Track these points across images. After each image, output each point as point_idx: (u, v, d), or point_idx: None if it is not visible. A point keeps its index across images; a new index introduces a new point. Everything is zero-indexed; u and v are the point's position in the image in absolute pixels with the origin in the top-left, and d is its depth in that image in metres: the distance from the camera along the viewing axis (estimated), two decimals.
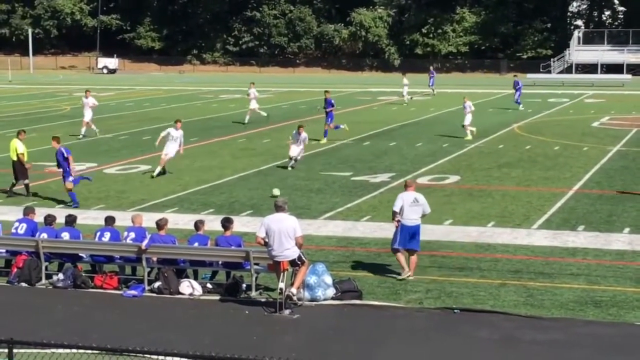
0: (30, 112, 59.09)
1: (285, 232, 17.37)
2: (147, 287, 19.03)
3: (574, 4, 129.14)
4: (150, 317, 17.46)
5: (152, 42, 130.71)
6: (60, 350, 13.82)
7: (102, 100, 62.40)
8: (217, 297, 18.56)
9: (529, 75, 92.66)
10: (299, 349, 15.41)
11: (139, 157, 38.60)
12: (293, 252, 17.46)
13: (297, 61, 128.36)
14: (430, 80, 75.29)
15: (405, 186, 20.73)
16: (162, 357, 12.98)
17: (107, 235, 20.13)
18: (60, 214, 23.07)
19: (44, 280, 19.67)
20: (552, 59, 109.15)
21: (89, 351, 13.30)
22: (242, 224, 24.21)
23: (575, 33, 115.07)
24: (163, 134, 34.44)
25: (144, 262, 19.23)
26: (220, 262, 19.51)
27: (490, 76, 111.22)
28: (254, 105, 52.87)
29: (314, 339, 16.11)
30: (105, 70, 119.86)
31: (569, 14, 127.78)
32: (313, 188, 30.93)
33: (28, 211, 21.42)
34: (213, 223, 23.52)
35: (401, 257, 20.01)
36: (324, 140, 42.72)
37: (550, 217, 26.01)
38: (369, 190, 29.68)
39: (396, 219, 20.10)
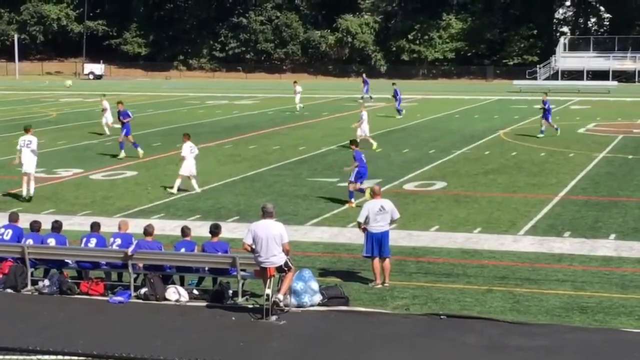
0: (16, 118, 58.91)
1: (272, 238, 17.35)
2: (133, 294, 18.98)
3: (560, 10, 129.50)
4: (137, 324, 17.41)
5: (138, 47, 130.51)
6: (46, 357, 13.76)
7: (88, 105, 62.36)
8: (204, 304, 18.54)
9: (515, 82, 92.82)
10: (286, 355, 15.40)
11: (125, 163, 38.52)
12: (280, 259, 17.45)
13: (284, 67, 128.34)
14: (365, 87, 74.73)
15: (373, 194, 20.68)
16: None
17: (93, 241, 20.08)
18: (46, 220, 23.01)
19: (29, 287, 19.61)
20: (538, 66, 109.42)
21: (75, 357, 13.24)
22: (229, 230, 24.17)
23: (561, 40, 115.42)
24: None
25: (130, 268, 19.19)
26: (206, 268, 19.49)
27: (477, 82, 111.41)
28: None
29: (301, 345, 16.09)
30: (91, 76, 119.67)
31: (554, 20, 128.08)
32: (300, 194, 30.93)
33: (14, 217, 21.35)
34: (200, 229, 23.51)
35: (376, 265, 20.02)
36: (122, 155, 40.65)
37: (536, 224, 26.07)
38: (356, 196, 29.66)
39: (362, 227, 20.16)
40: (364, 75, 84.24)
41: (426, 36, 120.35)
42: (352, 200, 28.93)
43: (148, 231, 19.93)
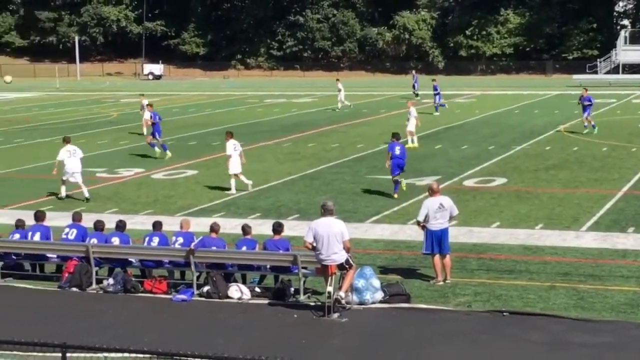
0: (78, 119, 59.60)
1: (333, 236, 17.38)
2: (196, 292, 19.13)
3: (620, 3, 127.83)
4: (200, 321, 17.55)
5: (196, 47, 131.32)
6: (112, 355, 13.96)
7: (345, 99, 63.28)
8: (266, 301, 18.63)
9: (575, 76, 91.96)
10: (348, 352, 15.43)
11: (185, 162, 38.79)
12: (341, 256, 17.48)
13: (341, 65, 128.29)
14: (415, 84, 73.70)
15: (431, 191, 20.58)
16: None
17: (156, 240, 20.29)
18: (109, 219, 23.29)
19: (94, 285, 19.86)
20: (598, 60, 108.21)
21: (140, 355, 13.39)
22: (289, 227, 24.21)
23: (622, 33, 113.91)
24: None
25: (192, 267, 19.35)
26: (268, 266, 19.60)
27: (536, 77, 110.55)
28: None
29: (363, 342, 16.10)
30: (150, 77, 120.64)
31: (614, 14, 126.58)
32: (359, 192, 30.94)
33: (77, 217, 21.64)
34: (260, 227, 23.64)
35: (437, 262, 19.95)
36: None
37: (599, 219, 25.82)
38: (416, 193, 29.62)
39: (421, 224, 20.12)
40: (413, 72, 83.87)
41: (484, 32, 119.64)
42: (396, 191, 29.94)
43: (214, 228, 20.16)
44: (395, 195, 29.76)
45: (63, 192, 30.75)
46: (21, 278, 20.86)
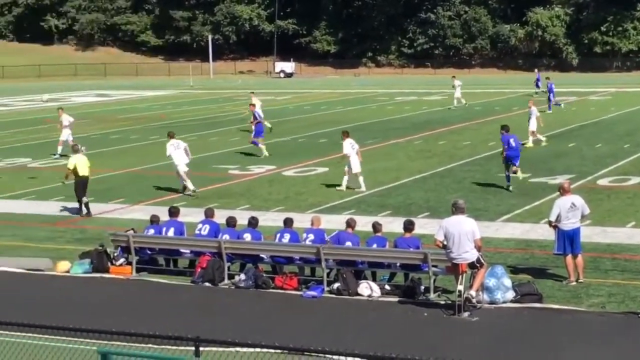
0: (211, 117, 60.53)
1: (464, 234, 17.27)
2: (326, 288, 19.23)
3: None
4: (330, 318, 17.64)
5: (327, 45, 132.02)
6: (245, 349, 14.11)
7: (279, 103, 63.47)
8: (396, 299, 18.60)
9: None
10: (479, 351, 15.30)
11: (316, 159, 39.02)
12: (472, 255, 17.35)
13: (473, 62, 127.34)
14: (537, 82, 72.23)
15: (562, 190, 20.20)
16: (343, 358, 13.11)
17: (287, 236, 20.46)
18: (241, 215, 23.58)
19: (226, 280, 20.14)
20: None
21: (272, 350, 13.52)
22: (420, 225, 24.08)
23: None
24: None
25: (323, 263, 19.45)
26: (398, 264, 19.57)
27: None
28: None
29: (494, 341, 15.96)
30: (282, 74, 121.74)
31: None
32: (490, 190, 30.64)
33: (210, 213, 21.98)
34: (390, 225, 23.60)
35: (569, 262, 19.59)
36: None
37: None
38: (548, 192, 29.17)
39: (552, 224, 19.78)
40: (536, 70, 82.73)
41: (620, 27, 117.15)
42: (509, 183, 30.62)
43: (350, 224, 20.33)
44: (511, 188, 30.20)
45: (190, 185, 31.20)
46: (155, 272, 21.30)
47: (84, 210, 28.28)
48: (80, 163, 28.69)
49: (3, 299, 19.13)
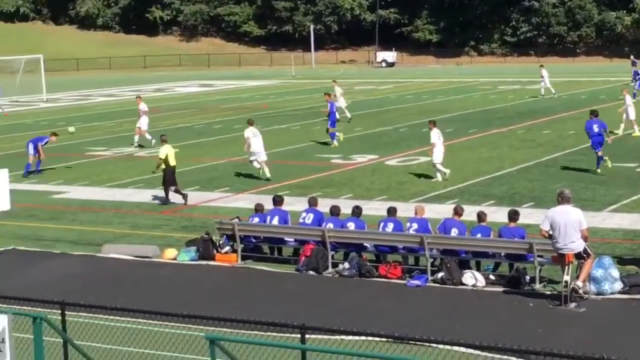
0: (314, 106, 60.73)
1: (570, 224, 17.08)
2: (430, 277, 19.21)
3: None
4: (434, 307, 17.62)
5: (429, 34, 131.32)
6: (350, 337, 14.22)
7: (381, 93, 63.41)
8: (501, 289, 18.49)
9: None
10: (585, 343, 15.12)
11: (418, 149, 38.86)
12: (578, 245, 17.15)
13: (577, 50, 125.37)
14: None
15: None
16: (448, 347, 13.10)
17: (390, 225, 20.49)
18: (345, 205, 23.68)
19: (330, 269, 20.25)
20: None
21: (377, 339, 13.58)
22: (524, 215, 23.79)
23: None
24: None
25: (427, 253, 19.43)
26: (503, 254, 19.44)
27: None
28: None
29: (601, 332, 15.78)
30: (383, 64, 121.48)
31: None
32: (596, 180, 30.21)
33: (313, 201, 22.13)
34: (494, 214, 23.45)
35: None
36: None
37: None
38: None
39: None
40: (632, 57, 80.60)
41: None
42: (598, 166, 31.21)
43: (457, 211, 20.34)
44: (599, 170, 31.01)
45: (267, 172, 32.08)
46: (260, 260, 21.53)
47: (175, 198, 28.68)
48: (171, 153, 29.10)
49: (113, 286, 19.55)
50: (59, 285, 19.28)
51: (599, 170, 30.62)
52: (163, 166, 28.83)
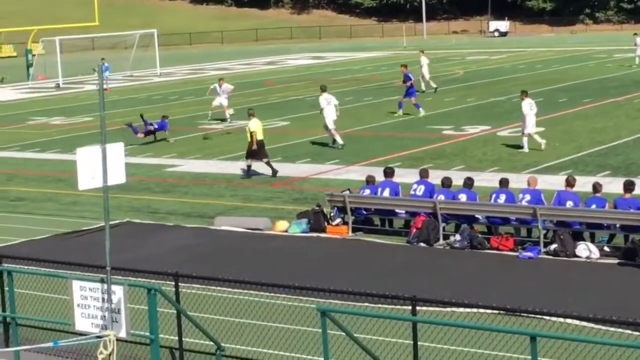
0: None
1: None
2: (542, 249, 18.96)
3: None
4: (547, 280, 17.39)
5: (543, 3, 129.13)
6: (461, 309, 14.13)
7: (494, 63, 62.69)
8: (615, 261, 18.17)
9: None
10: None
11: None
12: None
13: None
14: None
15: None
16: (561, 319, 12.94)
17: (503, 197, 20.27)
18: (455, 176, 23.52)
19: (441, 241, 20.14)
20: None
21: (489, 311, 13.50)
22: None
23: None
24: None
25: (539, 224, 19.16)
26: (618, 225, 19.07)
27: None
28: None
29: None
30: (496, 34, 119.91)
31: None
32: None
33: (425, 173, 22.02)
34: (610, 185, 23.03)
35: None
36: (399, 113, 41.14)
37: None
38: None
39: None
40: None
41: None
42: None
43: (570, 182, 19.99)
44: None
45: (339, 139, 33.19)
46: (371, 232, 21.53)
47: (264, 169, 29.02)
48: (259, 126, 29.21)
49: (225, 258, 19.78)
50: (173, 257, 19.59)
51: None
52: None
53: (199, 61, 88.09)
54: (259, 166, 29.14)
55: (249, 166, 29.22)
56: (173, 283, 13.39)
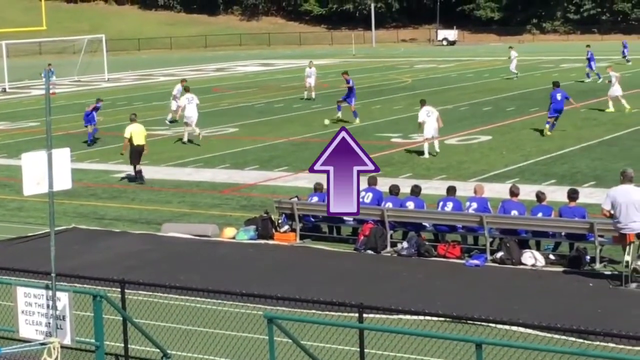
0: (373, 85, 60.57)
1: (632, 204, 16.87)
2: (489, 257, 19.09)
3: None
4: (493, 287, 17.52)
5: (491, 12, 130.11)
6: (407, 317, 14.17)
7: (442, 71, 63.01)
8: (561, 269, 18.35)
9: None
10: None
11: (479, 127, 38.66)
12: None
13: None
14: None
15: None
16: (507, 327, 13.03)
17: (450, 205, 20.39)
18: (403, 184, 23.62)
19: (389, 248, 20.20)
20: None
21: (435, 318, 13.57)
22: (585, 195, 23.67)
23: None
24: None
25: (486, 232, 19.30)
26: (563, 234, 19.25)
27: None
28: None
29: None
30: (444, 43, 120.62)
31: None
32: None
33: (373, 181, 22.06)
34: (554, 194, 23.23)
35: None
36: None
37: None
38: None
39: None
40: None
41: None
42: None
43: (514, 192, 20.09)
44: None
45: (186, 136, 36.65)
46: (318, 239, 21.55)
47: (138, 177, 29.55)
48: (136, 132, 29.52)
49: (172, 265, 19.69)
50: (119, 264, 19.47)
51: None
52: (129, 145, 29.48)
53: (148, 67, 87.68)
54: (206, 174, 29.03)
55: (137, 171, 29.58)
56: (119, 290, 13.30)
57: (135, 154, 29.36)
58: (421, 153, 32.11)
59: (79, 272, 15.15)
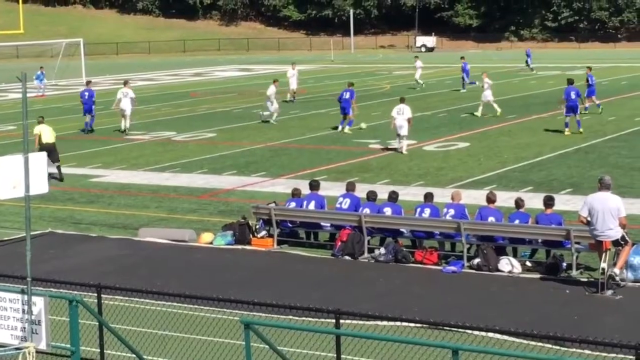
0: None
1: (608, 211, 16.94)
2: (466, 264, 19.14)
3: None
4: (469, 294, 17.55)
5: (469, 19, 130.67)
6: (384, 323, 14.18)
7: (421, 77, 63.07)
8: (537, 276, 18.40)
9: None
10: (622, 330, 14.96)
11: (457, 134, 38.76)
12: (616, 232, 17.01)
13: (619, 36, 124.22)
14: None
15: None
16: (483, 333, 13.05)
17: (427, 211, 20.42)
18: (381, 190, 23.64)
19: (366, 254, 20.21)
20: None
21: (412, 324, 13.56)
22: (562, 202, 23.81)
23: None
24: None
25: (463, 239, 19.35)
26: (540, 240, 19.32)
27: None
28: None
29: (637, 320, 15.65)
30: (423, 49, 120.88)
31: None
32: (636, 166, 29.96)
33: (351, 186, 22.08)
34: (532, 201, 23.29)
35: None
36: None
37: None
38: None
39: None
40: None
41: None
42: None
43: (490, 199, 20.18)
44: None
45: (122, 125, 41.26)
46: (296, 245, 21.53)
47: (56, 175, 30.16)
48: (45, 131, 30.93)
49: (148, 270, 19.63)
50: (95, 269, 19.39)
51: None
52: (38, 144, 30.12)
53: (126, 71, 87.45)
54: (184, 179, 28.94)
55: (57, 167, 30.46)
56: (95, 294, 13.25)
57: (50, 151, 28.84)
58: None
59: (55, 276, 15.09)
